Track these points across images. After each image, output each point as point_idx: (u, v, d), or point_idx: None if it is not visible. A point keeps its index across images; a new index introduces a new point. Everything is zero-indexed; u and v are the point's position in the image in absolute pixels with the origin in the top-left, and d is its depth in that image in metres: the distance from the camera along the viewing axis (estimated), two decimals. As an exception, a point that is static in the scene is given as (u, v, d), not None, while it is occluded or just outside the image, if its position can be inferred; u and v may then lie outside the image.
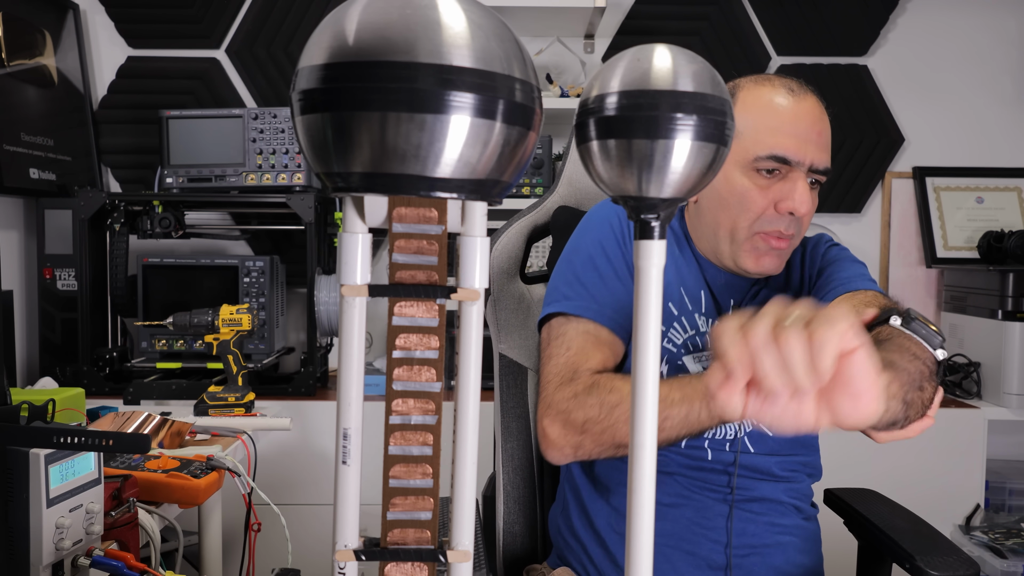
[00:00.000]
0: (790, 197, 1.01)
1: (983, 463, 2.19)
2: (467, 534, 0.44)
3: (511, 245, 1.32)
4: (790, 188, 1.01)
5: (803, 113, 1.01)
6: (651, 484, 0.49)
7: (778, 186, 1.02)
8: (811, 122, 1.01)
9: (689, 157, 0.47)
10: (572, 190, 1.37)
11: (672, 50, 0.48)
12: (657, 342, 0.49)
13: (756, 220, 1.03)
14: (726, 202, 1.03)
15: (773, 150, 1.01)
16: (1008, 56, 2.57)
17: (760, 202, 1.02)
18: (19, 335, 2.20)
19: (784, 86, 1.03)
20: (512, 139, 0.40)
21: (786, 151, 1.00)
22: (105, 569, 0.95)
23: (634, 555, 0.50)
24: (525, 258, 1.34)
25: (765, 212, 1.02)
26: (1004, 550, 2.06)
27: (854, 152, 2.53)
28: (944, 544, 1.08)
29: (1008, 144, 2.58)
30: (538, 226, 1.35)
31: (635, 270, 0.50)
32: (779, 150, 1.01)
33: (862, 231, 2.59)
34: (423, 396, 0.42)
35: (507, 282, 1.32)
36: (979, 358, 2.31)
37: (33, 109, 2.25)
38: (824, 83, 2.51)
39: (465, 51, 0.38)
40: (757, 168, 1.02)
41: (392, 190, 0.39)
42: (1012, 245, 2.33)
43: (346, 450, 0.43)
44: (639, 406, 0.49)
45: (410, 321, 0.42)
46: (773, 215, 1.02)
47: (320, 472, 2.12)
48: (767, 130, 1.01)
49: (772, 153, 1.01)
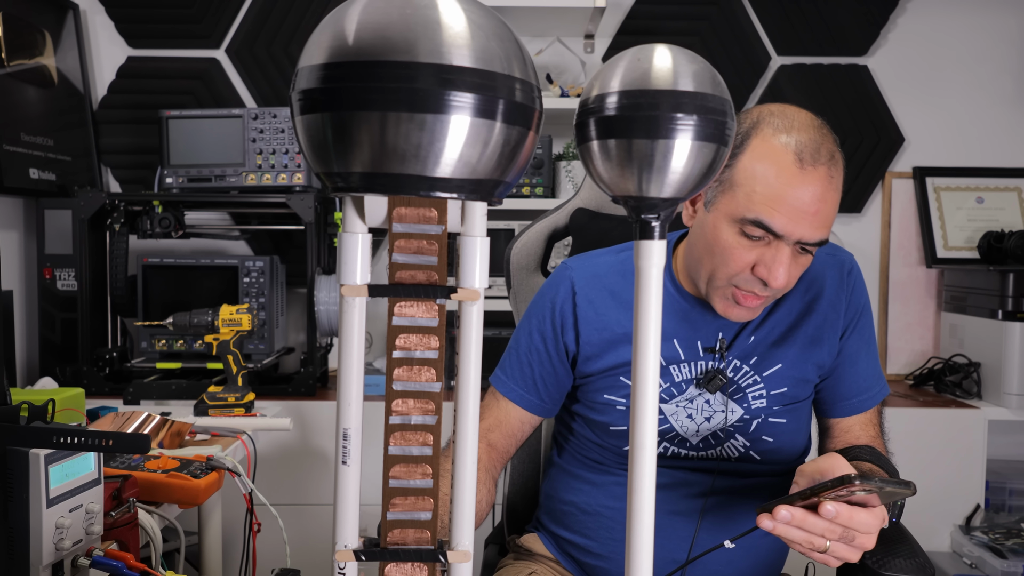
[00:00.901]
0: (768, 266, 0.97)
1: (983, 463, 2.19)
2: (467, 534, 0.44)
3: (531, 243, 1.41)
4: (772, 257, 0.97)
5: (806, 189, 0.94)
6: (651, 484, 0.49)
7: (760, 250, 0.98)
8: (811, 199, 0.94)
9: (689, 157, 0.47)
10: (594, 193, 1.42)
11: (672, 50, 0.48)
12: (657, 342, 0.49)
13: (733, 276, 1.00)
14: (711, 249, 1.01)
15: (761, 218, 0.95)
16: (1008, 56, 2.56)
17: (740, 262, 0.99)
18: (19, 335, 2.20)
19: (797, 149, 0.95)
20: (512, 139, 0.40)
21: (774, 224, 0.95)
22: (105, 569, 0.95)
23: (635, 555, 0.50)
24: (547, 255, 1.42)
25: (743, 272, 0.99)
26: (1004, 550, 2.06)
27: (854, 152, 2.53)
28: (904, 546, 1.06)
29: (1008, 144, 2.58)
30: (558, 227, 1.42)
31: (635, 270, 0.50)
32: (767, 221, 0.95)
33: (862, 231, 2.59)
34: (423, 396, 0.42)
35: (526, 277, 1.41)
36: (979, 358, 2.30)
37: (33, 109, 2.25)
38: (824, 83, 2.51)
39: (465, 51, 0.38)
40: (743, 228, 0.97)
41: (392, 190, 0.39)
42: (1012, 245, 2.33)
43: (346, 450, 0.43)
44: (639, 406, 0.49)
45: (410, 321, 0.42)
46: (749, 276, 0.99)
47: (320, 472, 2.12)
48: (763, 196, 0.95)
49: (759, 221, 0.95)
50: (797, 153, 0.95)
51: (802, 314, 1.10)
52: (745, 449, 1.10)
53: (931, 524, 2.18)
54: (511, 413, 1.14)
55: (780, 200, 0.94)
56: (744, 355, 1.09)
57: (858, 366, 1.13)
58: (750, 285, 1.00)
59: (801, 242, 0.97)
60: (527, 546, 1.22)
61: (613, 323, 1.11)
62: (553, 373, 1.14)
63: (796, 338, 1.10)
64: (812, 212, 0.95)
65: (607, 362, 1.11)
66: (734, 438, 1.10)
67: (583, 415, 1.15)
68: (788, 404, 1.10)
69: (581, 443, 1.16)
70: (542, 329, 1.14)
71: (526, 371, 1.14)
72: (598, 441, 1.13)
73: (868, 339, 1.14)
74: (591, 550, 1.13)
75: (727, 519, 1.10)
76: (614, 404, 1.11)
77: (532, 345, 1.14)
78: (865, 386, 1.14)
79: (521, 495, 1.41)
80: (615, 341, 1.10)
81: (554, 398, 1.15)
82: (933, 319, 2.58)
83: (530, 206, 2.29)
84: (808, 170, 0.94)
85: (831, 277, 1.12)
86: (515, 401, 1.14)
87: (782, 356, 1.09)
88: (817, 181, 0.95)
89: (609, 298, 1.12)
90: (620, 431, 1.11)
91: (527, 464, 1.42)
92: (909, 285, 2.59)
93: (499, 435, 1.14)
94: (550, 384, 1.14)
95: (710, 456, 1.11)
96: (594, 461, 1.15)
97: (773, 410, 1.10)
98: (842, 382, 1.13)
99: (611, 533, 1.11)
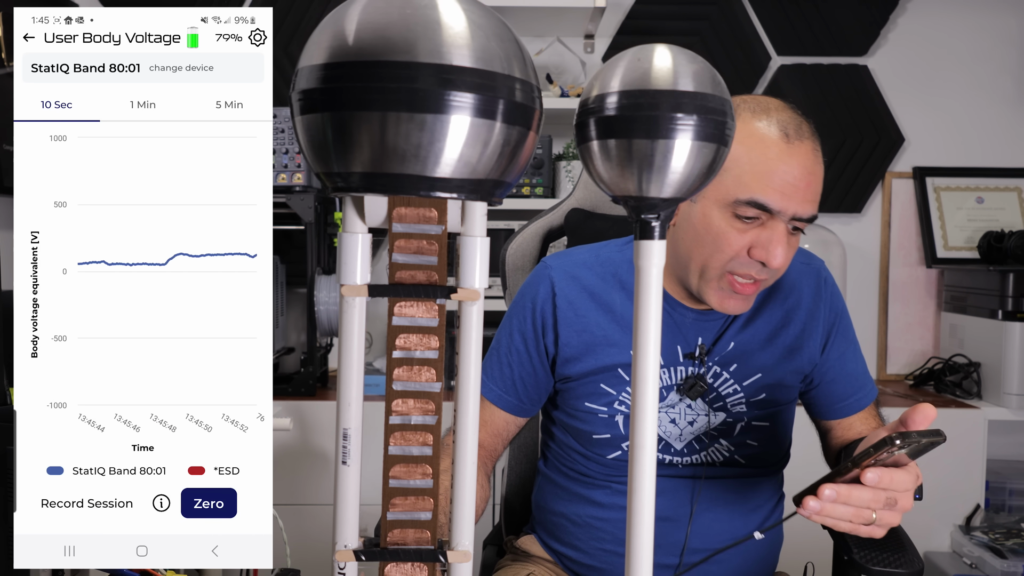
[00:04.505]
0: (765, 247, 0.96)
1: (983, 463, 2.19)
2: (467, 534, 0.44)
3: (526, 244, 1.41)
4: (768, 237, 0.96)
5: (795, 162, 0.94)
6: (651, 484, 0.49)
7: (755, 232, 0.96)
8: (802, 173, 0.94)
9: (689, 157, 0.47)
10: (588, 193, 1.42)
11: (672, 50, 0.48)
12: (657, 343, 0.49)
13: (729, 262, 0.98)
14: (701, 239, 0.99)
15: (755, 197, 0.94)
16: (1008, 56, 2.57)
17: (735, 245, 0.97)
18: (19, 335, 2.20)
19: (780, 126, 0.95)
20: (512, 139, 0.40)
21: (769, 200, 0.94)
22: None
23: (635, 554, 0.50)
24: (542, 256, 1.42)
25: (739, 255, 0.97)
26: (1004, 550, 2.06)
27: (854, 152, 2.53)
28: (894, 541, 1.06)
29: (1008, 144, 2.58)
30: (553, 228, 1.42)
31: (635, 270, 0.50)
32: (762, 198, 0.94)
33: (862, 231, 2.59)
34: (423, 396, 0.42)
35: (522, 277, 1.41)
36: (979, 358, 2.30)
37: (33, 109, 2.25)
38: (824, 83, 2.51)
39: (465, 51, 0.38)
40: (736, 211, 0.96)
41: (392, 190, 0.39)
42: (1012, 245, 2.33)
43: (346, 450, 0.43)
44: (639, 406, 0.49)
45: (410, 321, 0.42)
46: (746, 259, 0.97)
47: (320, 472, 2.12)
48: (753, 174, 0.94)
49: (754, 200, 0.94)
50: (782, 130, 0.95)
51: (781, 323, 1.10)
52: (730, 453, 1.10)
53: (931, 524, 2.18)
54: (495, 414, 1.14)
55: (772, 176, 0.94)
56: (724, 362, 1.08)
57: (848, 367, 1.14)
58: (747, 269, 0.98)
59: (795, 218, 0.96)
60: (524, 548, 1.21)
61: (592, 325, 1.09)
62: (533, 374, 1.12)
63: (775, 346, 1.09)
64: (804, 186, 0.95)
65: (587, 365, 1.09)
66: (718, 442, 1.09)
67: (565, 424, 1.14)
68: (770, 409, 1.10)
69: (566, 454, 1.15)
70: (523, 330, 1.12)
71: (506, 372, 1.13)
72: (582, 451, 1.12)
73: (851, 340, 1.15)
74: (583, 561, 1.13)
75: (716, 521, 1.09)
76: (596, 412, 1.09)
77: (513, 346, 1.13)
78: (859, 384, 1.15)
79: (519, 497, 1.41)
80: (595, 344, 1.09)
81: (533, 399, 1.14)
82: (933, 319, 2.58)
83: (530, 206, 2.29)
84: (795, 144, 0.95)
85: (808, 286, 1.12)
86: (494, 402, 1.13)
87: (761, 365, 1.09)
88: (805, 154, 0.95)
89: (588, 299, 1.10)
90: (603, 439, 1.09)
91: (524, 465, 1.42)
92: (909, 285, 2.59)
93: (485, 434, 1.14)
94: (530, 386, 1.13)
95: (696, 462, 1.10)
96: (579, 473, 1.13)
97: (755, 414, 1.10)
98: (836, 385, 1.14)
99: (601, 544, 1.10)
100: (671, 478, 1.10)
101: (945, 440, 0.83)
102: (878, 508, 0.83)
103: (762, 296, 1.10)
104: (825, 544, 1.25)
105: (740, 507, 1.11)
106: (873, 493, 0.82)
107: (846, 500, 0.82)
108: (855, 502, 0.82)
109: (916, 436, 0.80)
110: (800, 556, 1.27)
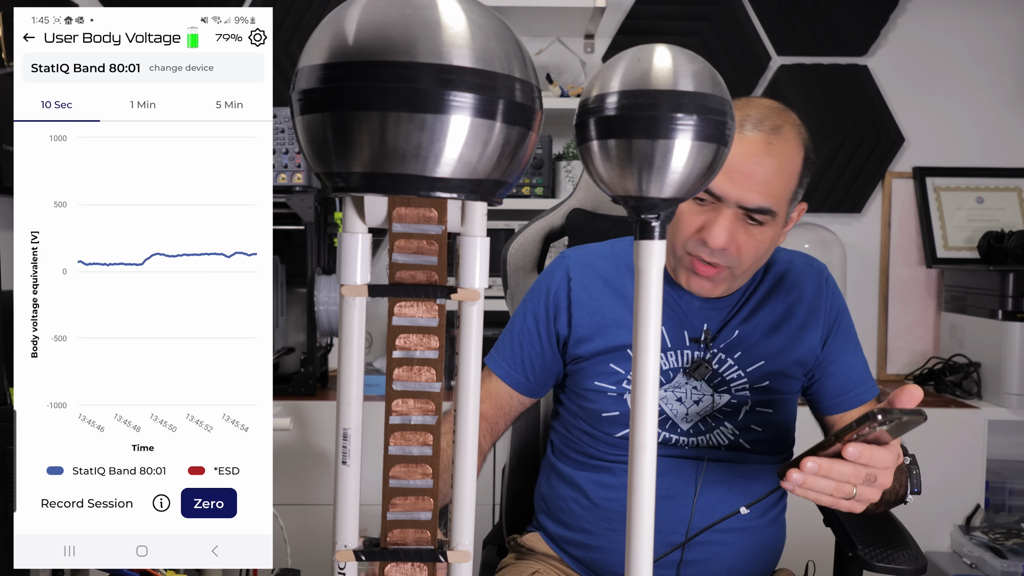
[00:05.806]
0: (707, 228, 1.02)
1: (983, 463, 2.19)
2: (467, 534, 0.44)
3: (527, 244, 1.43)
4: (711, 219, 1.02)
5: (738, 150, 1.00)
6: (651, 484, 0.49)
7: (706, 215, 1.03)
8: (744, 160, 1.00)
9: (689, 157, 0.47)
10: (589, 193, 1.44)
11: (672, 50, 0.48)
12: (657, 343, 0.49)
13: (686, 241, 1.05)
14: (673, 223, 1.06)
15: None
16: (1008, 56, 2.56)
17: (688, 226, 1.04)
18: (19, 335, 2.20)
19: (740, 119, 1.00)
20: (512, 139, 0.40)
21: (712, 185, 1.00)
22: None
23: (635, 554, 0.50)
24: (543, 256, 1.44)
25: (691, 236, 1.04)
26: (1004, 550, 2.06)
27: (854, 152, 2.53)
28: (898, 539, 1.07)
29: (1008, 144, 2.58)
30: (554, 228, 1.43)
31: (635, 270, 0.50)
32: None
33: (862, 231, 2.59)
34: (423, 396, 0.42)
35: (523, 277, 1.43)
36: (979, 358, 2.30)
37: (33, 109, 2.25)
38: (824, 83, 2.51)
39: (465, 51, 0.38)
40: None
41: (392, 190, 0.39)
42: (1012, 245, 2.33)
43: (346, 450, 0.43)
44: (639, 406, 0.49)
45: (410, 321, 0.42)
46: (697, 241, 1.04)
47: (320, 472, 2.12)
48: None
49: None
50: (738, 122, 1.00)
51: (784, 315, 1.15)
52: (735, 437, 1.13)
53: (931, 524, 2.18)
54: (500, 388, 1.19)
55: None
56: (728, 349, 1.13)
57: (848, 362, 1.17)
58: (697, 250, 1.04)
59: (741, 205, 1.01)
60: (529, 545, 1.23)
61: (605, 308, 1.15)
62: (541, 354, 1.18)
63: (778, 336, 1.14)
64: (745, 173, 1.00)
65: (598, 345, 1.14)
66: (724, 425, 1.13)
67: (575, 404, 1.18)
68: (772, 396, 1.14)
69: (575, 437, 1.19)
70: (536, 312, 1.19)
71: (516, 350, 1.19)
72: (591, 431, 1.15)
73: (852, 338, 1.19)
74: (591, 544, 1.15)
75: (720, 502, 1.12)
76: (605, 391, 1.14)
77: (525, 326, 1.19)
78: (860, 379, 1.18)
79: (521, 495, 1.42)
80: (606, 325, 1.14)
81: (540, 379, 1.19)
82: (933, 319, 2.58)
83: (530, 206, 2.29)
84: (745, 136, 1.01)
85: (810, 283, 1.18)
86: (502, 377, 1.19)
87: (764, 353, 1.13)
88: (752, 145, 1.00)
89: (602, 285, 1.16)
90: (612, 417, 1.14)
91: (526, 463, 1.43)
92: (909, 285, 2.59)
93: (489, 406, 1.19)
94: (537, 366, 1.18)
95: (701, 444, 1.13)
96: (588, 456, 1.17)
97: (758, 399, 1.13)
98: (836, 379, 1.17)
99: (610, 524, 1.13)
100: (676, 458, 1.12)
101: (926, 419, 0.84)
102: (858, 483, 0.85)
103: (766, 290, 1.16)
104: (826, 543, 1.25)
105: (742, 489, 1.13)
106: (854, 468, 0.83)
107: (827, 474, 0.83)
108: (836, 476, 0.84)
109: (898, 413, 0.82)
110: (801, 555, 1.27)
